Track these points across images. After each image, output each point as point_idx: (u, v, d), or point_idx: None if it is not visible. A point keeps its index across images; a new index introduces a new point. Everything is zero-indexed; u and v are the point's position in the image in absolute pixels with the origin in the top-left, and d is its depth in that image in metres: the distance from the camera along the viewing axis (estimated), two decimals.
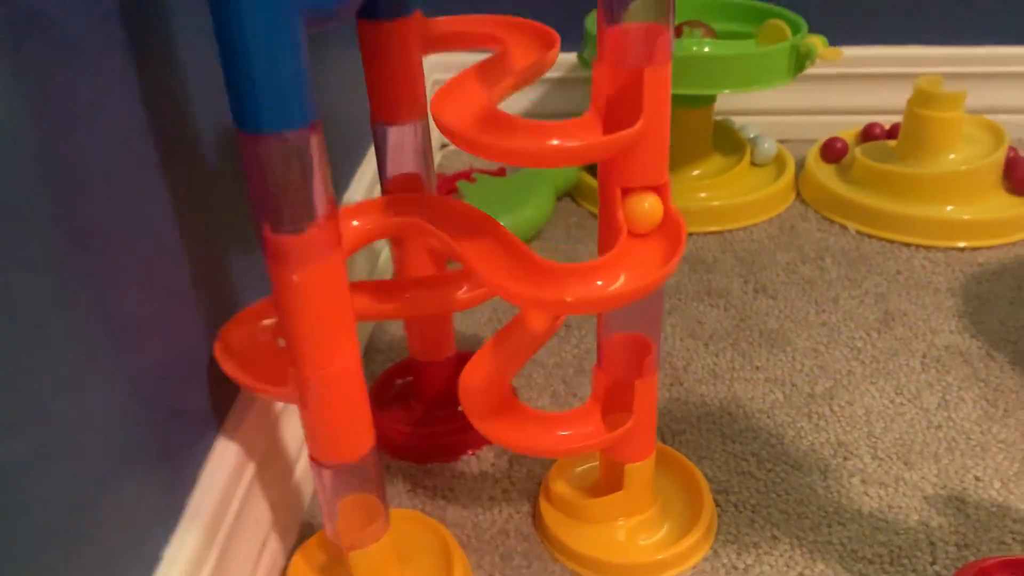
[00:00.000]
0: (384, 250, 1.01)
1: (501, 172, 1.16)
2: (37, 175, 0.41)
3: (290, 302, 0.50)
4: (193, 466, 0.58)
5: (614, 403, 0.64)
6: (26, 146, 0.41)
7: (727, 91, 1.02)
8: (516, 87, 0.58)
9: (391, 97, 0.65)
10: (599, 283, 0.50)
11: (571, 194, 1.18)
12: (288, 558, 0.67)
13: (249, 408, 0.64)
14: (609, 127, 0.52)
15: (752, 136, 1.18)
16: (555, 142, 0.50)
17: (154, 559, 0.52)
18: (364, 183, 0.97)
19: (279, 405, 0.68)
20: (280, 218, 0.47)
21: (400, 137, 0.67)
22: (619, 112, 0.51)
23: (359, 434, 0.56)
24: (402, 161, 0.68)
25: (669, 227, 0.54)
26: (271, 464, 0.66)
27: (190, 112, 0.57)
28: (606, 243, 0.55)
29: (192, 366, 0.58)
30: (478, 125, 0.51)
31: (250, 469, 0.62)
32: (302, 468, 0.72)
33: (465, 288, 0.64)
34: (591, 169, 1.18)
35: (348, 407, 0.54)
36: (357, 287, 0.64)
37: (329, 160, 0.49)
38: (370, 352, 0.90)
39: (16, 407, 0.40)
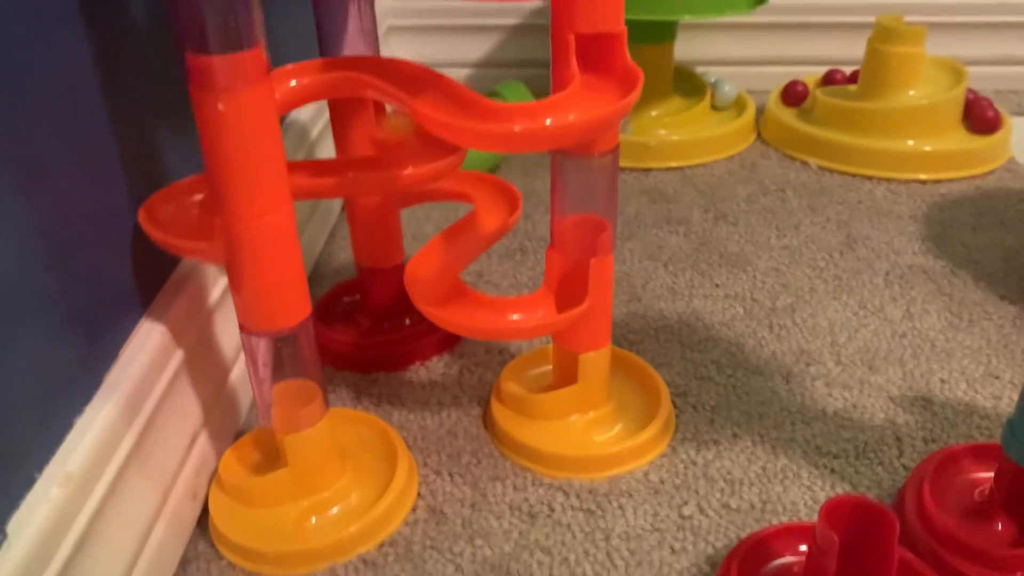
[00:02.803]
0: None
1: None
2: None
3: (216, 136, 0.46)
4: (114, 342, 0.54)
5: (568, 294, 0.61)
6: None
7: (687, 17, 1.00)
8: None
9: None
10: (548, 119, 0.47)
11: None
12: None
13: (178, 294, 0.60)
14: None
15: (713, 80, 1.16)
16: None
17: (65, 425, 0.48)
18: None
19: (212, 297, 0.64)
20: (205, 37, 0.44)
21: (341, 17, 0.63)
22: None
23: (293, 298, 0.52)
24: (345, 45, 0.64)
25: (625, 75, 0.51)
26: (202, 359, 0.62)
27: None
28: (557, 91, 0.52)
29: (114, 237, 0.54)
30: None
31: (177, 356, 0.58)
32: (237, 375, 0.67)
33: (411, 167, 0.60)
34: None
35: (281, 264, 0.50)
36: (292, 165, 0.60)
37: None
38: (316, 279, 0.86)
39: None
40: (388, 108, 0.66)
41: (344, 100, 0.65)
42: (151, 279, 0.59)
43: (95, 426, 0.49)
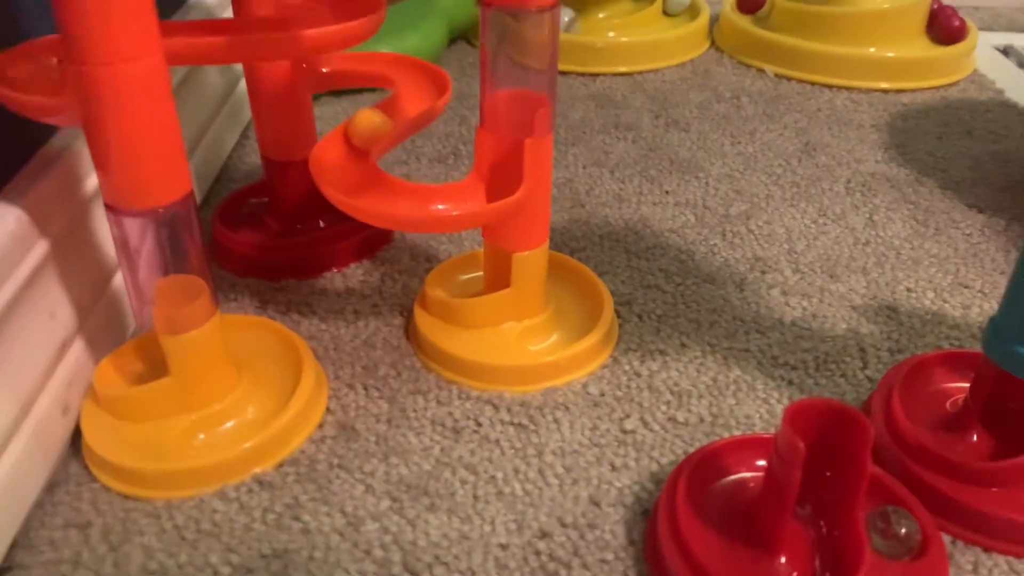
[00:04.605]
0: (242, 82, 0.88)
1: None
2: None
3: None
4: None
5: (500, 182, 0.53)
6: None
7: None
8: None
9: None
10: None
11: (467, 38, 1.07)
12: None
13: (41, 178, 0.51)
14: None
15: None
16: None
17: None
18: None
19: (88, 185, 0.55)
20: None
21: None
22: None
23: (168, 170, 0.44)
24: None
25: None
26: (74, 254, 0.53)
27: None
28: None
29: None
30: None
31: (40, 247, 0.49)
32: (122, 283, 0.59)
33: (317, 27, 0.52)
34: None
35: (151, 124, 0.42)
36: (172, 24, 0.51)
37: None
38: (223, 180, 0.77)
39: None
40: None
41: None
42: (5, 158, 0.50)
43: None
